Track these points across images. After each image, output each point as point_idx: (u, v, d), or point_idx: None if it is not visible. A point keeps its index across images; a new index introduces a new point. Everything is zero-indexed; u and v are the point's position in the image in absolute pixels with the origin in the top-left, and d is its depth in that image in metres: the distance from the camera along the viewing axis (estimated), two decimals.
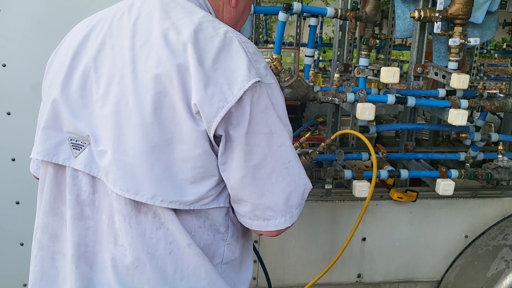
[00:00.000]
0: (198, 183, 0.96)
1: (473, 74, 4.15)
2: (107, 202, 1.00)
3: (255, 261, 2.02)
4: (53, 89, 1.04)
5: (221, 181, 0.99)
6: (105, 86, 0.98)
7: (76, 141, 1.02)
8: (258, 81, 0.93)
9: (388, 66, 1.88)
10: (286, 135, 1.00)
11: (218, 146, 0.95)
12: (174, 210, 0.97)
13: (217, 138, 0.94)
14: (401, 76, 3.70)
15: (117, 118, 0.96)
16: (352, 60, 2.63)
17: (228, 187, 1.00)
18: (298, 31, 4.29)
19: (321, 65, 5.35)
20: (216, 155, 0.96)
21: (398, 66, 4.55)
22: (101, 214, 1.02)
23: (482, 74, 4.74)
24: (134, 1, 1.07)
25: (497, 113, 2.94)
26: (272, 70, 1.72)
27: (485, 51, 4.87)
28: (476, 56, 4.13)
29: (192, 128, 0.92)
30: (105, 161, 0.97)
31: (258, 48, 3.44)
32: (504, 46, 5.59)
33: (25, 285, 2.07)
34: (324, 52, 6.44)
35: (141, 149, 0.93)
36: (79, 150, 1.01)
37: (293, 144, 1.80)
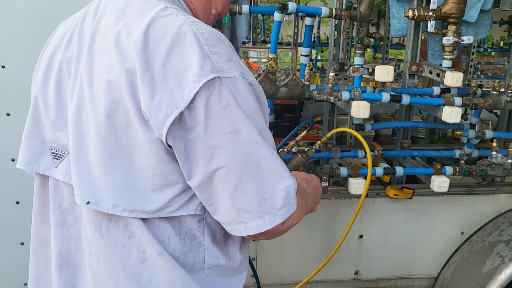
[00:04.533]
0: (160, 191, 0.91)
1: (470, 72, 4.16)
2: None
3: None
4: (34, 94, 1.04)
5: (187, 188, 0.93)
6: (70, 92, 0.96)
7: (56, 150, 1.01)
8: (215, 77, 0.85)
9: (385, 65, 1.89)
10: (255, 132, 0.89)
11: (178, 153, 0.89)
12: (143, 219, 0.93)
13: (174, 145, 0.88)
14: (399, 74, 3.73)
15: (76, 126, 0.93)
16: (350, 60, 2.65)
17: (196, 194, 0.93)
18: (295, 30, 4.32)
19: (319, 64, 5.35)
20: (177, 162, 0.90)
21: (395, 65, 4.59)
22: (81, 222, 1.01)
23: (479, 73, 4.75)
24: (101, 0, 1.02)
25: (495, 111, 2.96)
26: (268, 70, 1.73)
27: (482, 49, 4.88)
28: (473, 54, 4.14)
29: (145, 135, 0.87)
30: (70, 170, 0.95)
31: (257, 48, 3.45)
32: (501, 44, 5.60)
33: (25, 284, 2.09)
34: (322, 51, 6.45)
35: (99, 158, 0.90)
36: (59, 160, 1.01)
37: (289, 143, 1.83)
